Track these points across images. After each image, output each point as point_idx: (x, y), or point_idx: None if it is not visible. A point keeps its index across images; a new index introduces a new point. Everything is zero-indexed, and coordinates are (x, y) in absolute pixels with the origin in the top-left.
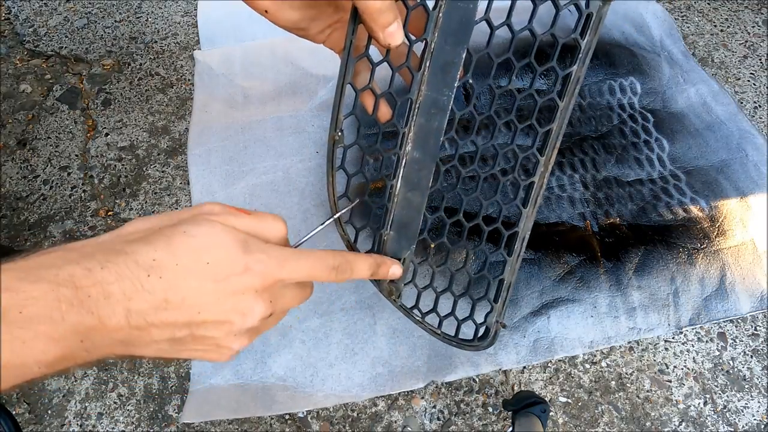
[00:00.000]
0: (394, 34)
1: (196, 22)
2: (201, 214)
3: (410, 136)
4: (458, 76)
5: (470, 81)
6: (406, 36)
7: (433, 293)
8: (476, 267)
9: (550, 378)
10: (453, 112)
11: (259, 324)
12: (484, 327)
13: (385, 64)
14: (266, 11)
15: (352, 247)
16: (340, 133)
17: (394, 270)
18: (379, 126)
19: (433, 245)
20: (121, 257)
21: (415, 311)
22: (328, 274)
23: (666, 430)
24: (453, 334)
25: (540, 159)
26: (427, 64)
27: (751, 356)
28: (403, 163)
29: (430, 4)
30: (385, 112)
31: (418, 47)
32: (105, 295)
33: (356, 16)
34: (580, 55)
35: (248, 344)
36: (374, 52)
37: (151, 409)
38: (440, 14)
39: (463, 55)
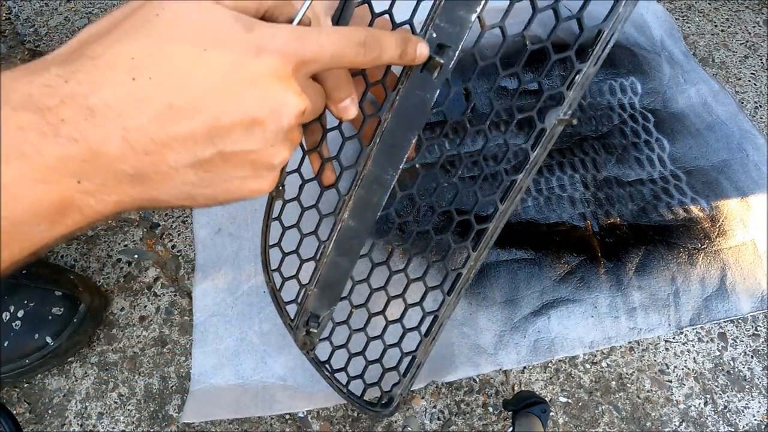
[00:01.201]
0: (347, 109)
1: None
2: None
3: (349, 204)
4: (406, 158)
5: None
6: (361, 109)
7: (347, 354)
8: (392, 339)
9: (551, 378)
10: (395, 189)
11: (296, 122)
12: (388, 396)
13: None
14: None
15: (276, 294)
16: (280, 188)
17: (422, 48)
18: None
19: (354, 309)
20: (89, 63)
21: (327, 366)
22: (357, 51)
23: (666, 430)
24: (359, 395)
25: (471, 254)
26: (377, 141)
27: (752, 356)
28: (338, 229)
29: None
30: (329, 176)
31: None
32: (85, 114)
33: None
34: (527, 166)
35: (289, 157)
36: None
37: (152, 409)
38: (397, 97)
39: (413, 141)
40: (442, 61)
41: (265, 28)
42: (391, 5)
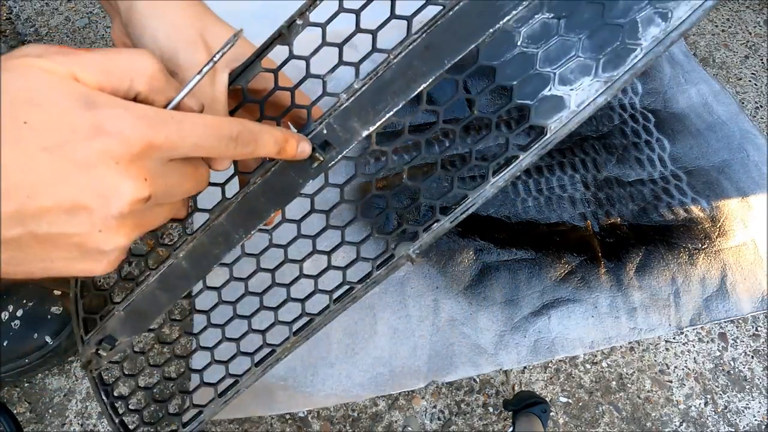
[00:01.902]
0: (221, 165)
1: None
2: (11, 58)
3: (189, 246)
4: (263, 225)
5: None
6: (235, 165)
7: (134, 384)
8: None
9: (551, 378)
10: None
11: (133, 209)
12: None
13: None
14: None
15: (77, 301)
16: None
17: (304, 147)
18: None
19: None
20: None
21: (106, 390)
22: (227, 145)
23: (667, 430)
24: (131, 428)
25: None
26: (238, 199)
27: (752, 357)
28: (169, 264)
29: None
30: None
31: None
32: None
33: None
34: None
35: (128, 243)
36: None
37: (152, 409)
38: (272, 168)
39: (272, 215)
40: (322, 158)
41: (110, 107)
42: (299, 83)
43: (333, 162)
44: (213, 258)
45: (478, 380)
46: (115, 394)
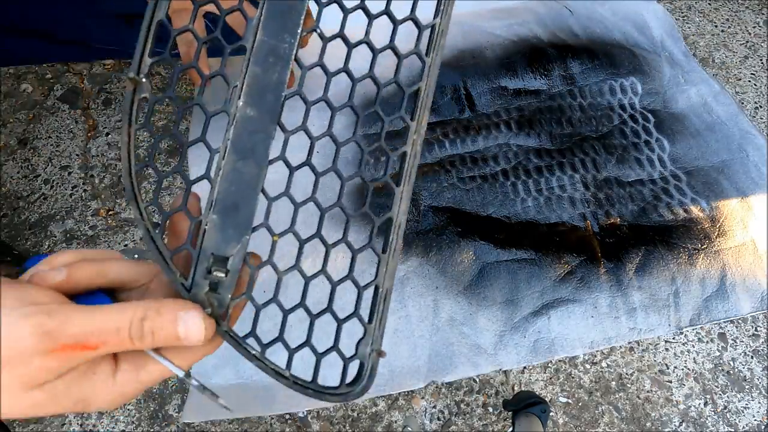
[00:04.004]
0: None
1: None
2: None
3: (243, 90)
4: (301, 21)
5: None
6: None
7: (280, 311)
8: (339, 271)
9: (551, 378)
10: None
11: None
12: (356, 361)
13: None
14: None
15: (153, 237)
16: (142, 79)
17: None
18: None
19: (277, 237)
20: None
21: (251, 341)
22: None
23: (666, 430)
24: (310, 379)
25: (409, 123)
26: (264, 5)
27: (752, 357)
28: (234, 123)
29: None
30: (205, 63)
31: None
32: None
33: None
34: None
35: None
36: None
37: (152, 409)
38: None
39: (307, 3)
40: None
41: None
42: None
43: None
44: (275, 86)
45: (477, 380)
46: (265, 339)
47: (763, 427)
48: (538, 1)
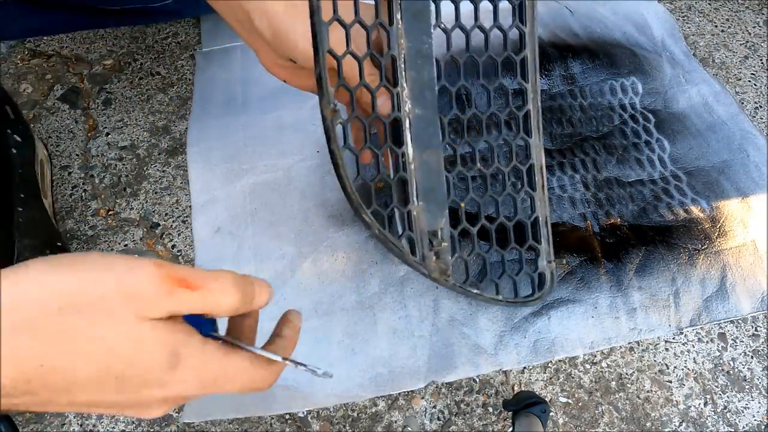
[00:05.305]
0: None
1: (197, 21)
2: (127, 299)
3: (405, 94)
4: (432, 22)
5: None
6: None
7: (481, 258)
8: (506, 213)
9: (551, 378)
10: (438, 62)
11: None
12: (537, 275)
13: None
14: (285, 81)
15: (384, 235)
16: (335, 108)
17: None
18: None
19: (463, 204)
20: None
21: (469, 284)
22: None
23: (666, 430)
24: (513, 296)
25: (525, 85)
26: (399, 16)
27: (752, 357)
28: (408, 125)
29: None
30: (372, 75)
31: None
32: None
33: None
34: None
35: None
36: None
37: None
38: None
39: (431, 2)
40: None
41: (185, 369)
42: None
43: None
44: (429, 83)
45: (477, 380)
46: (475, 279)
47: (763, 427)
48: (538, 1)
